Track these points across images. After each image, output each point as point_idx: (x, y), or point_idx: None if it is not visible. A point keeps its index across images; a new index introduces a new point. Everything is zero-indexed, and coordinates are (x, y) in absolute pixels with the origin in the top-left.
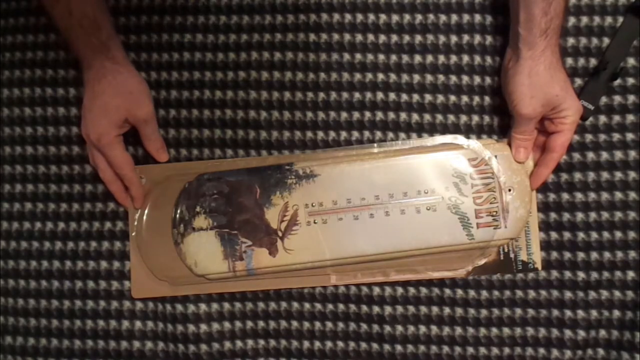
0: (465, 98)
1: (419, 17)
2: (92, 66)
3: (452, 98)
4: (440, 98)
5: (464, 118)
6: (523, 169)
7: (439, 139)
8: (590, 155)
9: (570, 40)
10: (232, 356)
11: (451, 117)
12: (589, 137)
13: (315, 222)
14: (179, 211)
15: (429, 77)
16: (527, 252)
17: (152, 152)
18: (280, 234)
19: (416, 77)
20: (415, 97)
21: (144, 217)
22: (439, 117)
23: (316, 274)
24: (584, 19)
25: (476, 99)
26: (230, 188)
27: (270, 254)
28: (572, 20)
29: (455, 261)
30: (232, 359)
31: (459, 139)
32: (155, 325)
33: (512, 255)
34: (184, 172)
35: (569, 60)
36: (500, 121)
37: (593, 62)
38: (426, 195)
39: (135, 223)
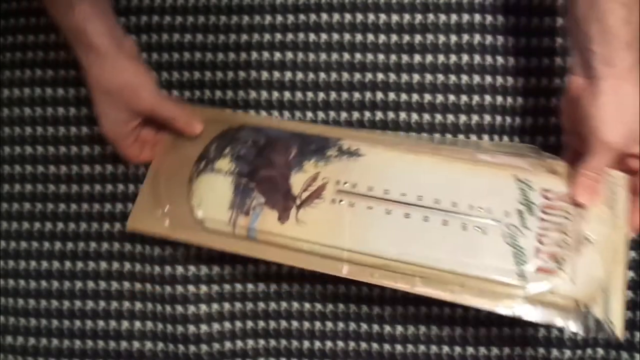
0: (464, 98)
1: (418, 17)
2: (82, 68)
3: (452, 98)
4: (440, 98)
5: (463, 118)
6: (616, 222)
7: (520, 146)
8: None
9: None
10: (232, 356)
11: (451, 117)
12: None
13: (340, 202)
14: (207, 148)
15: (429, 77)
16: (605, 308)
17: (181, 131)
18: (298, 202)
19: (416, 77)
20: (415, 97)
21: (173, 146)
22: (439, 117)
23: (327, 257)
24: None
25: (476, 98)
26: (267, 141)
27: (279, 218)
28: None
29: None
30: (232, 359)
31: (541, 153)
32: (155, 326)
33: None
34: (229, 120)
35: (570, 60)
36: (501, 121)
37: None
38: (479, 212)
39: (162, 150)
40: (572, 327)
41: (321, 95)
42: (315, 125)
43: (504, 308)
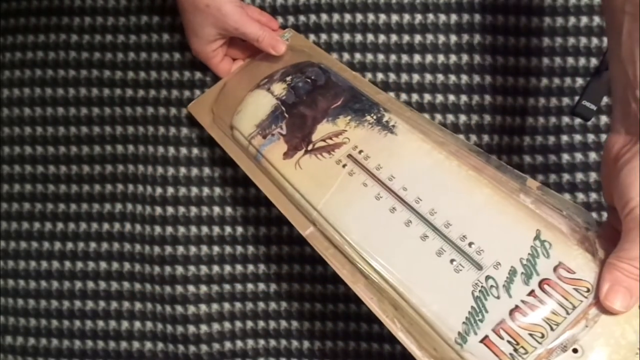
0: (464, 98)
1: (418, 17)
2: None
3: (452, 98)
4: (440, 98)
5: (463, 118)
6: (628, 345)
7: (572, 205)
8: (592, 155)
9: (571, 40)
10: (232, 356)
11: (450, 117)
12: (590, 137)
13: (344, 166)
14: (277, 71)
15: (429, 77)
16: None
17: (265, 51)
18: (310, 147)
19: (416, 77)
20: (415, 96)
21: (251, 64)
22: (439, 116)
23: (301, 209)
24: (584, 19)
25: (476, 98)
26: (325, 83)
27: (284, 154)
28: (572, 20)
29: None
30: (232, 359)
31: (594, 226)
32: (155, 326)
33: None
34: (310, 54)
35: (570, 60)
36: (501, 121)
37: (594, 61)
38: (468, 247)
39: (241, 66)
40: None
41: None
42: (380, 92)
43: (421, 356)
